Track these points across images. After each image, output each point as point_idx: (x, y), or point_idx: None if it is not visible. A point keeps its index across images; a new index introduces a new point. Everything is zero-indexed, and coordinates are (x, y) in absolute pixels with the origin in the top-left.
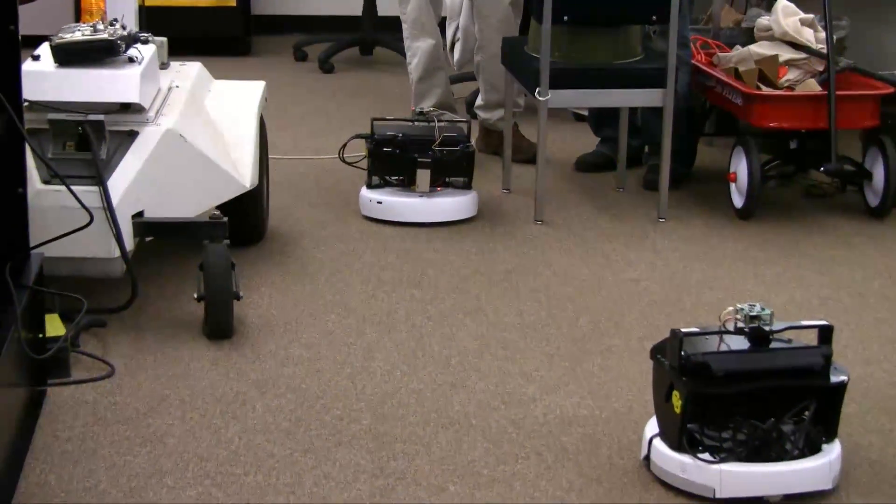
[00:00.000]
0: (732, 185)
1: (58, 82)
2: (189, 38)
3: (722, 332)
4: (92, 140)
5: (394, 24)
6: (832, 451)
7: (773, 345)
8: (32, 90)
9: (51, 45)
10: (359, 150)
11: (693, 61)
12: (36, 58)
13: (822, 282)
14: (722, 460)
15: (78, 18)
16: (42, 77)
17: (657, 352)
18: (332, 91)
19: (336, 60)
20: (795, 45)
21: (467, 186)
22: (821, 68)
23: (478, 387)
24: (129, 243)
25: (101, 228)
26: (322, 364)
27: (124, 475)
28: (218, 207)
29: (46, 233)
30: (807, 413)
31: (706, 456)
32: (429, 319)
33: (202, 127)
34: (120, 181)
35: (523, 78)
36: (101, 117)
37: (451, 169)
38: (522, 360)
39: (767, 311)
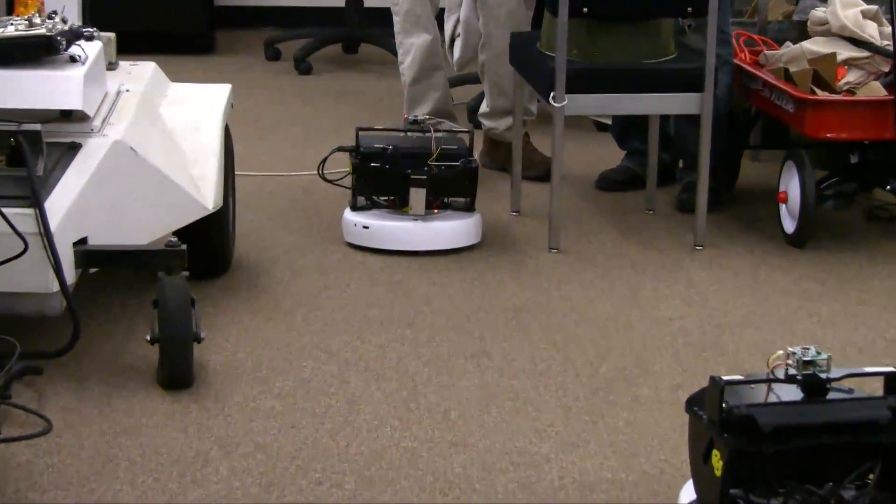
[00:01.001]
0: (782, 207)
1: None
2: (141, 33)
3: (770, 381)
4: (26, 154)
5: (383, 16)
6: None
7: (831, 395)
8: None
9: None
10: (341, 166)
11: (735, 60)
12: None
13: (888, 320)
14: None
15: (11, 10)
16: None
17: (694, 403)
18: (309, 95)
19: (315, 59)
20: (856, 42)
21: (469, 208)
22: (886, 68)
23: (482, 445)
24: (71, 275)
25: (36, 258)
26: (298, 418)
27: None
28: (175, 233)
29: None
30: (871, 476)
31: None
32: (424, 365)
33: (156, 138)
34: (59, 202)
35: (535, 80)
36: (37, 127)
37: (451, 188)
38: (535, 413)
39: (824, 356)
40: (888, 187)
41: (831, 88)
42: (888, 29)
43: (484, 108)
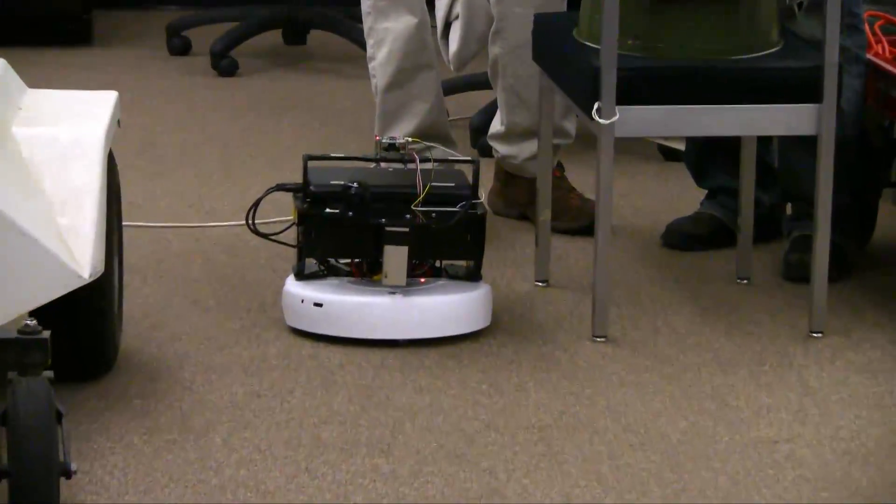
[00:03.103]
0: None
1: None
2: None
3: None
4: None
5: None
6: None
7: None
8: None
9: None
10: (282, 213)
11: (869, 55)
12: None
13: None
14: None
15: None
16: None
17: None
18: (234, 107)
19: (242, 53)
20: None
21: (474, 276)
22: None
23: None
24: None
25: None
26: None
27: None
28: (33, 314)
29: None
30: None
31: None
32: None
33: (6, 173)
34: None
35: (572, 85)
36: None
37: (446, 245)
38: None
39: None
40: None
41: None
42: None
43: (496, 126)
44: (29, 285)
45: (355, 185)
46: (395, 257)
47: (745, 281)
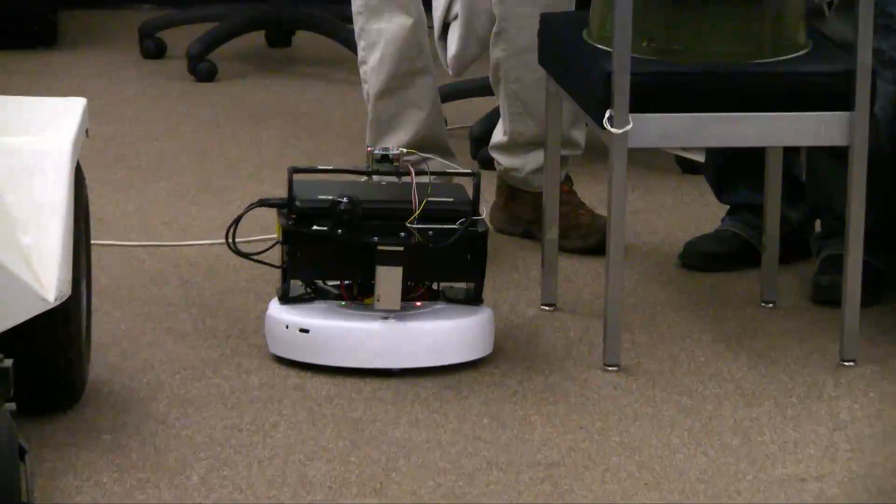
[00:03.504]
0: None
1: None
2: None
3: None
4: None
5: None
6: None
7: None
8: None
9: None
10: (266, 231)
11: None
12: None
13: None
14: None
15: None
16: None
17: None
18: (213, 115)
19: (221, 57)
20: None
21: (474, 299)
22: None
23: None
24: None
25: None
26: None
27: None
28: None
29: None
30: None
31: None
32: None
33: None
34: None
35: (581, 91)
36: None
37: (443, 266)
38: None
39: None
40: None
41: None
42: None
43: (498, 136)
44: None
45: (345, 200)
46: (389, 279)
47: (771, 305)
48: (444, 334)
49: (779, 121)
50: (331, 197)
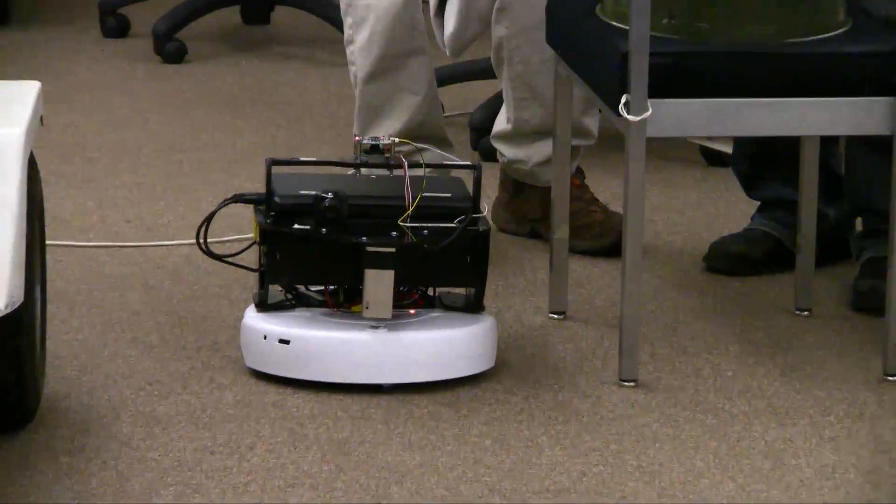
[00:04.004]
0: None
1: None
2: None
3: None
4: None
5: None
6: None
7: None
8: None
9: None
10: (241, 230)
11: None
12: None
13: None
14: None
15: None
16: None
17: None
18: (182, 100)
19: (190, 36)
20: None
21: (474, 307)
22: None
23: None
24: None
25: None
26: None
27: None
28: None
29: None
30: None
31: None
32: None
33: None
34: None
35: (594, 74)
36: None
37: (440, 270)
38: None
39: None
40: None
41: None
42: None
43: (501, 124)
44: None
45: (330, 195)
46: (379, 284)
47: (806, 312)
48: (441, 346)
49: (814, 107)
50: (314, 192)
